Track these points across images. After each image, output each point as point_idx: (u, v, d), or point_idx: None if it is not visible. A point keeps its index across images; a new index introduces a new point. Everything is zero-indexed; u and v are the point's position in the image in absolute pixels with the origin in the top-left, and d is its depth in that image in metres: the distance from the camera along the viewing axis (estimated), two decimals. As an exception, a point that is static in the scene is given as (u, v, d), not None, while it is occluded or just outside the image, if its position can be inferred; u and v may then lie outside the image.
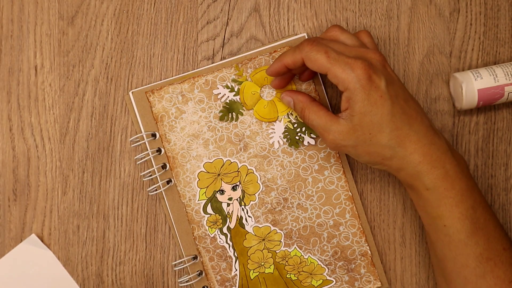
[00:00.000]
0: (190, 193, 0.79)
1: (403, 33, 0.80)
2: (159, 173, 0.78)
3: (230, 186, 0.79)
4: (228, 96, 0.78)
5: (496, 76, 0.75)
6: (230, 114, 0.78)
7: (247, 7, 0.80)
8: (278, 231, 0.79)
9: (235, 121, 0.78)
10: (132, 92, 0.78)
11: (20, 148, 0.80)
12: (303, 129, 0.78)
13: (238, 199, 0.79)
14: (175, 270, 0.80)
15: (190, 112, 0.78)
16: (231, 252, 0.80)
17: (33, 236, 0.79)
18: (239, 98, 0.78)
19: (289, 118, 0.78)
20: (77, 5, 0.80)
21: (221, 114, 0.78)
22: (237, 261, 0.80)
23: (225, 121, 0.78)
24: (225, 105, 0.78)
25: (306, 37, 0.78)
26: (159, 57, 0.80)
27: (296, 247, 0.79)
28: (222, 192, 0.79)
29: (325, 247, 0.79)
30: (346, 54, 0.69)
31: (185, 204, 0.79)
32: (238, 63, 0.78)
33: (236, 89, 0.78)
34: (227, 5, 0.80)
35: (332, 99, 0.79)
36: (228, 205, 0.79)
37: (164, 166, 0.79)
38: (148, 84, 0.79)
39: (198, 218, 0.79)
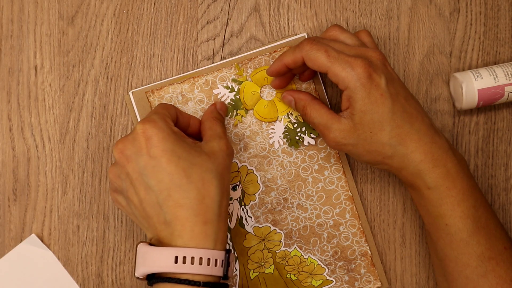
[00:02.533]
0: (190, 193, 0.79)
1: (403, 33, 0.80)
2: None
3: (230, 186, 0.79)
4: (229, 96, 0.78)
5: (496, 76, 0.75)
6: (234, 111, 0.78)
7: (247, 7, 0.80)
8: (278, 231, 0.79)
9: (243, 117, 0.78)
10: (132, 92, 0.78)
11: (20, 148, 0.80)
12: (303, 129, 0.78)
13: (238, 199, 0.79)
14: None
15: (190, 112, 0.78)
16: (231, 252, 0.80)
17: (33, 236, 0.79)
18: (239, 98, 0.78)
19: (289, 118, 0.78)
20: (77, 5, 0.80)
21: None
22: (237, 261, 0.79)
23: (229, 118, 0.78)
24: (230, 101, 0.78)
25: (306, 37, 0.78)
26: (159, 57, 0.80)
27: (296, 247, 0.79)
28: (222, 192, 0.79)
29: (325, 247, 0.79)
30: (346, 53, 0.70)
31: (185, 204, 0.79)
32: (238, 63, 0.78)
33: (236, 89, 0.78)
34: (227, 5, 0.80)
35: (332, 99, 0.79)
36: (228, 205, 0.79)
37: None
38: (148, 84, 0.79)
39: (198, 218, 0.79)
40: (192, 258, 0.65)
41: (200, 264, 0.65)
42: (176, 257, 0.65)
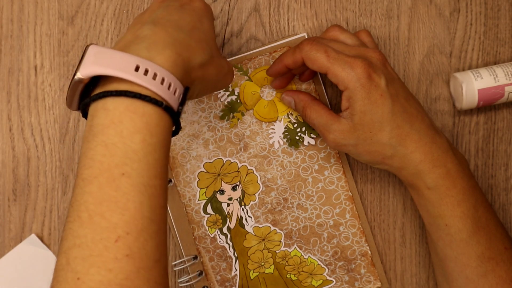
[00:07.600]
0: (190, 193, 0.79)
1: (403, 33, 0.80)
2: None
3: (230, 186, 0.79)
4: (226, 99, 0.78)
5: (496, 76, 0.75)
6: (231, 114, 0.78)
7: (247, 7, 0.80)
8: (278, 231, 0.79)
9: (238, 120, 0.78)
10: (132, 92, 0.78)
11: (20, 148, 0.80)
12: (303, 129, 0.78)
13: (238, 199, 0.79)
14: (175, 270, 0.80)
15: (190, 112, 0.78)
16: (231, 252, 0.79)
17: (33, 236, 0.79)
18: (237, 99, 0.78)
19: (289, 118, 0.78)
20: (77, 5, 0.80)
21: (221, 113, 0.78)
22: (237, 261, 0.80)
23: (226, 121, 0.78)
24: (227, 104, 0.78)
25: (306, 37, 0.78)
26: (159, 57, 0.80)
27: (296, 247, 0.79)
28: (222, 192, 0.79)
29: (325, 247, 0.79)
30: (346, 53, 0.69)
31: (185, 204, 0.79)
32: (239, 63, 0.78)
33: (236, 92, 0.78)
34: (227, 5, 0.80)
35: (332, 99, 0.79)
36: (228, 205, 0.79)
37: (164, 166, 0.79)
38: (148, 84, 0.79)
39: (198, 218, 0.79)
40: (155, 74, 0.55)
41: (162, 84, 0.56)
42: (138, 66, 0.55)
